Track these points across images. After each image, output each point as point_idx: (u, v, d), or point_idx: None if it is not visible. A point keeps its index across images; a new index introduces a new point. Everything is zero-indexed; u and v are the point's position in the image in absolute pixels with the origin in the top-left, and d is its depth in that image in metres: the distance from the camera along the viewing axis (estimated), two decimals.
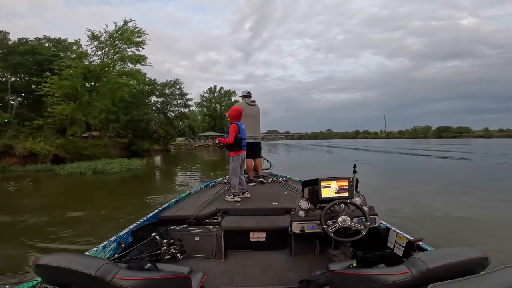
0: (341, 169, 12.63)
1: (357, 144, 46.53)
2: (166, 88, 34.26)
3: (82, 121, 19.45)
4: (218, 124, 62.41)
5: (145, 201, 6.95)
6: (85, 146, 19.70)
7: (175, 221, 2.78)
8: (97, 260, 1.15)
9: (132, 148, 25.83)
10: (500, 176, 10.35)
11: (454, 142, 48.87)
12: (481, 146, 31.97)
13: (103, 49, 20.87)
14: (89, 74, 19.75)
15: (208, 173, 13.91)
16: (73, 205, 6.85)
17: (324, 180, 2.24)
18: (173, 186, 10.02)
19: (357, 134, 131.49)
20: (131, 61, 22.48)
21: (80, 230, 4.92)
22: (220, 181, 4.73)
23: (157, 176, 14.19)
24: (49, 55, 22.00)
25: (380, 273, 1.13)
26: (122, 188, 10.19)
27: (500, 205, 6.06)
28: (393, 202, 6.30)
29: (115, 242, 2.14)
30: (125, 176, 12.62)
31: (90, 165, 14.12)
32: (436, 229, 4.64)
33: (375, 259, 1.79)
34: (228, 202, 3.38)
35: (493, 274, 0.99)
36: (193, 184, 9.28)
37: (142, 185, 10.35)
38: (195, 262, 2.36)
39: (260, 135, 4.91)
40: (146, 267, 1.64)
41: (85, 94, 19.35)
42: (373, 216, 2.18)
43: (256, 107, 4.80)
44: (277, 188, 4.12)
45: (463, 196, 6.95)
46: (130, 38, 21.10)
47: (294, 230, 2.20)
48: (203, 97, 64.15)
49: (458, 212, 5.59)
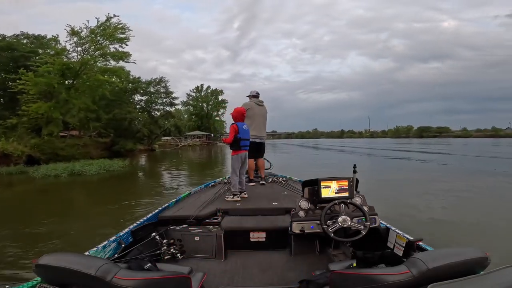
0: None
1: (343, 144, 47.30)
2: (151, 86, 33.37)
3: (59, 120, 18.48)
4: (205, 124, 61.65)
5: (122, 209, 6.32)
6: (63, 146, 18.71)
7: (175, 221, 2.78)
8: (97, 260, 1.14)
9: (114, 148, 24.78)
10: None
11: (433, 141, 50.83)
12: (461, 146, 33.19)
13: (83, 45, 19.98)
14: (67, 71, 18.83)
15: (195, 174, 13.49)
16: (36, 217, 5.74)
17: (324, 180, 2.25)
18: (156, 189, 9.40)
19: (343, 133, 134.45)
20: (114, 58, 21.69)
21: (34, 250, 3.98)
22: (220, 181, 4.70)
23: (139, 177, 13.52)
24: (26, 51, 20.80)
25: (380, 273, 1.12)
26: (99, 193, 9.40)
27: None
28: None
29: (115, 242, 2.14)
30: (104, 178, 11.90)
31: (67, 166, 13.21)
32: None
33: (375, 259, 1.80)
34: (228, 202, 3.38)
35: (493, 274, 0.99)
36: (177, 187, 8.90)
37: (122, 189, 9.67)
38: (195, 262, 2.35)
39: (266, 135, 4.94)
40: (146, 267, 1.64)
41: (62, 92, 18.41)
42: (373, 216, 2.18)
43: (264, 108, 4.81)
44: (277, 188, 4.13)
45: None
46: (113, 34, 20.33)
47: (294, 230, 2.20)
48: (189, 96, 63.13)
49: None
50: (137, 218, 2.59)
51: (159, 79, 34.13)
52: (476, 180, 9.06)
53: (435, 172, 11.14)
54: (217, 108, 64.22)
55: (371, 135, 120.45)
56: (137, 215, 5.09)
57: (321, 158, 21.41)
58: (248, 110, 4.47)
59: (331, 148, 33.83)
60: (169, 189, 8.88)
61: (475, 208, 5.74)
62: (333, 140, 78.64)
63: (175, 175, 12.64)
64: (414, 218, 5.05)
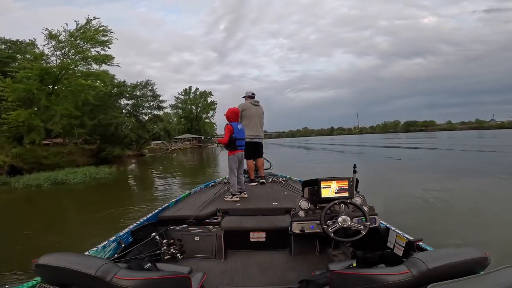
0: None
1: (333, 141, 47.58)
2: (137, 90, 32.32)
3: (40, 127, 17.78)
4: (194, 126, 61.05)
5: (105, 219, 5.86)
6: (46, 154, 18.03)
7: (175, 221, 2.77)
8: (97, 260, 1.14)
9: (101, 155, 24.12)
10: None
11: (421, 135, 52.04)
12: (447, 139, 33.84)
13: (63, 49, 19.30)
14: (46, 76, 18.13)
15: (187, 177, 13.13)
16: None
17: (324, 180, 2.24)
18: (144, 196, 8.93)
19: (332, 131, 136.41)
20: (96, 62, 21.06)
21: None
22: (220, 181, 4.70)
23: (127, 184, 12.93)
24: (3, 57, 20.03)
25: (380, 273, 1.12)
26: (83, 201, 8.93)
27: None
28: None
29: (115, 242, 2.14)
30: (90, 187, 11.40)
31: (49, 175, 12.63)
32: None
33: (375, 259, 1.79)
34: (228, 202, 3.38)
35: (493, 274, 0.99)
36: (169, 194, 8.46)
37: (107, 197, 9.23)
38: (195, 262, 2.35)
39: (263, 135, 4.97)
40: (146, 267, 1.64)
41: (42, 98, 17.72)
42: (373, 216, 2.18)
43: (260, 108, 4.82)
44: (277, 188, 4.12)
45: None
46: (93, 36, 19.74)
47: (294, 230, 2.20)
48: (177, 99, 62.37)
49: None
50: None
51: (145, 82, 33.25)
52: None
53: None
54: (207, 110, 63.73)
55: (360, 131, 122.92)
56: (123, 226, 4.82)
57: (317, 162, 17.71)
58: (244, 110, 4.53)
59: (324, 148, 33.65)
60: (158, 196, 8.47)
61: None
62: (323, 138, 79.14)
63: (166, 180, 12.26)
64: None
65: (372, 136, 71.09)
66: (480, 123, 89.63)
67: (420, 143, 27.62)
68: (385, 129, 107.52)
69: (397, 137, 52.91)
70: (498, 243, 3.55)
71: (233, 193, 3.53)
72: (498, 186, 7.07)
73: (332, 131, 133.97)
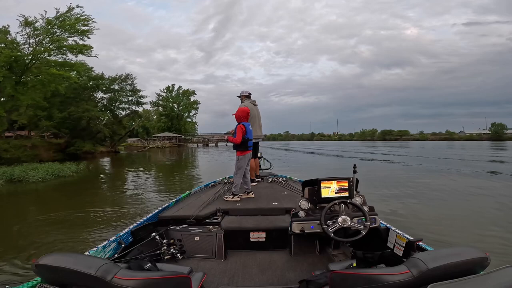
0: None
1: (313, 147, 48.09)
2: (115, 83, 30.01)
3: (3, 117, 16.29)
4: (175, 125, 59.48)
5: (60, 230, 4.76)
6: (6, 147, 16.55)
7: (175, 221, 2.77)
8: (97, 260, 1.14)
9: (70, 150, 22.57)
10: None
11: (397, 144, 54.31)
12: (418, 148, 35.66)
13: (38, 36, 17.88)
14: (15, 64, 16.67)
15: (162, 178, 12.38)
16: None
17: (324, 180, 2.26)
18: (112, 199, 7.67)
19: (313, 136, 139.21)
20: (72, 51, 19.71)
21: None
22: (220, 181, 4.71)
23: (94, 185, 11.18)
24: None
25: (380, 273, 1.12)
26: (38, 204, 7.60)
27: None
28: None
29: (115, 242, 2.13)
30: (51, 186, 9.98)
31: (4, 171, 10.98)
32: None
33: (375, 259, 1.81)
34: (228, 202, 3.36)
35: (493, 274, 0.99)
36: (140, 200, 7.42)
37: (68, 201, 7.69)
38: (195, 262, 2.35)
39: (262, 135, 5.03)
40: (146, 267, 1.64)
41: (8, 86, 16.25)
42: (373, 216, 2.19)
43: (257, 108, 4.86)
44: (277, 188, 4.14)
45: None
46: (73, 25, 18.47)
47: (294, 230, 2.20)
48: (159, 96, 60.49)
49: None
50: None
51: (125, 75, 30.86)
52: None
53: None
54: (189, 109, 62.37)
55: (340, 138, 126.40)
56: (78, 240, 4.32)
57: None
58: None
59: (303, 150, 33.88)
60: (127, 200, 7.45)
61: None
62: (304, 143, 79.99)
63: (138, 181, 11.30)
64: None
65: (350, 143, 73.16)
66: (450, 134, 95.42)
67: (395, 152, 28.62)
68: (363, 137, 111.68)
69: (374, 145, 54.75)
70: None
71: (234, 193, 3.48)
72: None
73: (312, 137, 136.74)
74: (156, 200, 7.20)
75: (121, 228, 2.30)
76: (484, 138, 79.08)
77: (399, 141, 79.82)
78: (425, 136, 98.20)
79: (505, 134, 77.86)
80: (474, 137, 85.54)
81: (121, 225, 4.83)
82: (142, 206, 6.43)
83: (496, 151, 27.03)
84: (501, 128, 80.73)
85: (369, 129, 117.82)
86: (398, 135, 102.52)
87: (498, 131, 79.88)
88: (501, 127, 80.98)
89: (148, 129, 58.26)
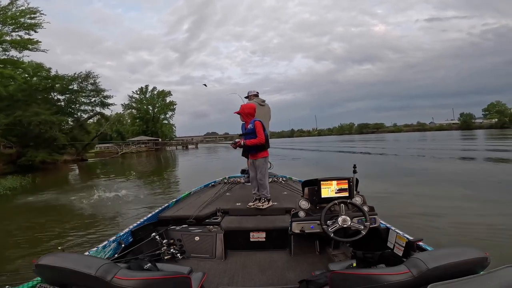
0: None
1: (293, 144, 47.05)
2: (75, 83, 26.37)
3: None
4: (151, 128, 56.24)
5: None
6: None
7: (175, 221, 2.80)
8: (97, 260, 1.14)
9: (21, 161, 19.40)
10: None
11: (373, 137, 55.32)
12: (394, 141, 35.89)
13: None
14: None
15: (133, 189, 9.40)
16: None
17: (324, 180, 2.27)
18: (43, 228, 5.50)
19: (293, 133, 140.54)
20: (16, 47, 16.93)
21: None
22: (220, 181, 4.70)
23: (25, 207, 7.83)
24: None
25: (380, 273, 1.12)
26: None
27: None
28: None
29: (115, 242, 2.15)
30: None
31: None
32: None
33: (375, 259, 1.80)
34: (228, 202, 3.38)
35: (493, 274, 0.98)
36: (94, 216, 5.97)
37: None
38: (195, 262, 2.36)
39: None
40: (146, 267, 1.65)
41: None
42: (373, 216, 2.17)
43: (267, 107, 4.51)
44: (277, 188, 4.11)
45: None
46: (16, 18, 15.79)
47: (294, 230, 2.21)
48: (132, 98, 56.67)
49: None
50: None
51: (86, 74, 26.95)
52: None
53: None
54: (165, 110, 59.19)
55: (319, 133, 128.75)
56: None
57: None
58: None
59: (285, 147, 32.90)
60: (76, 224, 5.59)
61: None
62: (284, 140, 78.92)
63: (95, 198, 8.10)
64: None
65: (330, 138, 74.18)
66: (421, 125, 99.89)
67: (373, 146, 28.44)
68: (341, 131, 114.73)
69: (352, 139, 55.24)
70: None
71: (268, 198, 3.21)
72: None
73: (292, 133, 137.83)
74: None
75: (124, 227, 2.30)
76: (454, 128, 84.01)
77: (375, 134, 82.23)
78: (399, 128, 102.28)
79: (473, 123, 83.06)
80: (445, 127, 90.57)
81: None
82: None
83: (481, 141, 27.25)
84: (470, 118, 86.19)
85: (346, 123, 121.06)
86: (375, 127, 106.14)
87: (467, 120, 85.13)
88: (470, 117, 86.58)
89: (122, 133, 54.33)
